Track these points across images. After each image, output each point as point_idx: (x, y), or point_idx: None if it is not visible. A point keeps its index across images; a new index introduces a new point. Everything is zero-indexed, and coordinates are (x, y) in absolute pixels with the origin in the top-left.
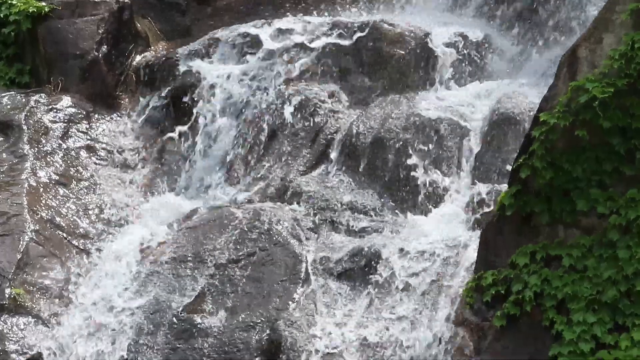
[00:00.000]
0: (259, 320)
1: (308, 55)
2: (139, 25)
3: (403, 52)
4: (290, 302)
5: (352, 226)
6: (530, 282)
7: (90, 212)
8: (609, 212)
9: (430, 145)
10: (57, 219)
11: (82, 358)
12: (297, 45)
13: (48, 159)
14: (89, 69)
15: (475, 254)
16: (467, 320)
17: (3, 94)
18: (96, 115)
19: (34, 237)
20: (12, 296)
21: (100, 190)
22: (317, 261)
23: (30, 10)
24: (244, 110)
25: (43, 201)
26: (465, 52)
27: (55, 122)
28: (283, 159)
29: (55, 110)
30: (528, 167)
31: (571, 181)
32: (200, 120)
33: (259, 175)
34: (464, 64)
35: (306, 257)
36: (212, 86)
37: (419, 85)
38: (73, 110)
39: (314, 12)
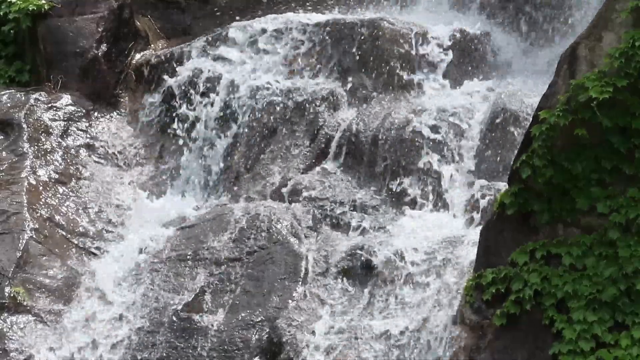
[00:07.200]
0: (259, 319)
1: (307, 53)
2: (138, 23)
3: (403, 50)
4: (289, 301)
5: (352, 224)
6: (530, 280)
7: (90, 210)
8: (609, 211)
9: (430, 143)
10: (57, 217)
11: (82, 356)
12: (297, 43)
13: (48, 158)
14: (88, 68)
15: (475, 253)
16: (467, 319)
17: (3, 92)
18: (96, 114)
19: (34, 236)
20: (11, 295)
21: (100, 189)
22: (316, 259)
23: (30, 9)
24: (243, 108)
25: (43, 199)
26: (465, 49)
27: (55, 120)
28: (283, 157)
29: (55, 109)
30: (528, 166)
31: (571, 179)
32: (200, 118)
33: (258, 174)
34: (464, 62)
35: (306, 255)
36: (212, 84)
37: (418, 83)
38: (73, 108)
39: (314, 10)
